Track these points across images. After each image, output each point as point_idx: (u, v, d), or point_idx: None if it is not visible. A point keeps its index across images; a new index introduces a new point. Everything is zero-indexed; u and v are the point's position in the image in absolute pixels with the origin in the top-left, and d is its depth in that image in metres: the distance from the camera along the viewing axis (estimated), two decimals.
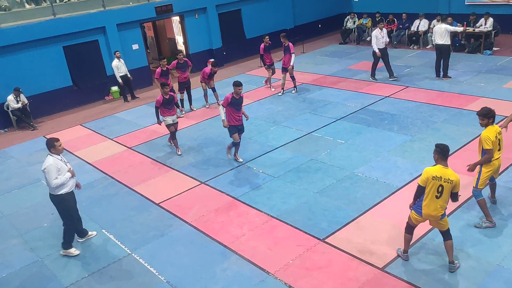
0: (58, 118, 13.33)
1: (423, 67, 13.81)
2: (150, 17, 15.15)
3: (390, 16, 17.49)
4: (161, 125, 9.49)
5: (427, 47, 16.18)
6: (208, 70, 11.73)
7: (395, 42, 16.76)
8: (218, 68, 12.13)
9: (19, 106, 12.30)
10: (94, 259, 6.45)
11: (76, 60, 13.78)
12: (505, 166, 7.50)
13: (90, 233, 6.98)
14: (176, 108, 9.59)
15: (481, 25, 14.66)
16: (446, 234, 5.34)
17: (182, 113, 11.61)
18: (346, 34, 18.62)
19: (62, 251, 6.58)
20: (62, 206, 6.33)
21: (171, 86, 9.92)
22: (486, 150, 5.79)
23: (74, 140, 11.28)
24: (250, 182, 8.07)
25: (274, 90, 13.17)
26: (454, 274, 5.34)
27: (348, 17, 18.85)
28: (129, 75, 13.75)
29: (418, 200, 5.33)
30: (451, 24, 13.84)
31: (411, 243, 5.77)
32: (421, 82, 12.43)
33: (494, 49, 14.65)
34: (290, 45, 12.28)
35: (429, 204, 5.16)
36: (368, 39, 17.99)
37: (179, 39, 17.14)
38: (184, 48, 16.56)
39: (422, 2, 17.85)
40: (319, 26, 20.29)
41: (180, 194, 7.98)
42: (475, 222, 6.20)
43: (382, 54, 12.57)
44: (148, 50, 18.92)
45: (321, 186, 7.64)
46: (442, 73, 12.49)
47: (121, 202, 7.95)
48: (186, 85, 12.04)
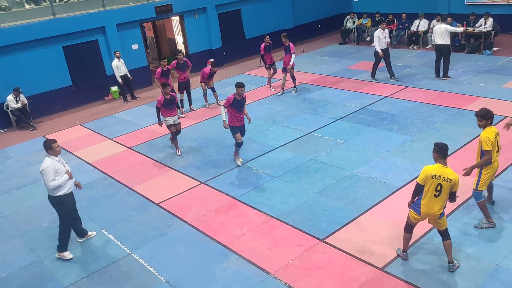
0: (58, 118, 13.33)
1: (423, 67, 13.81)
2: (149, 17, 15.15)
3: (390, 16, 17.48)
4: (162, 126, 9.44)
5: (427, 47, 16.19)
6: (207, 70, 11.73)
7: (395, 42, 16.76)
8: (217, 68, 12.14)
9: (19, 106, 12.29)
10: (93, 259, 6.45)
11: (75, 60, 13.78)
12: (505, 166, 7.51)
13: (89, 233, 6.98)
14: (177, 108, 9.59)
15: (480, 25, 14.66)
16: (444, 234, 5.34)
17: (183, 114, 11.61)
18: (346, 34, 18.63)
19: (57, 254, 6.56)
20: (60, 207, 6.32)
21: (172, 86, 9.92)
22: (485, 151, 5.72)
23: (73, 140, 11.28)
24: (250, 182, 8.07)
25: (274, 90, 13.18)
26: (453, 274, 5.34)
27: (348, 17, 18.85)
28: (129, 75, 13.75)
29: (417, 198, 5.33)
30: (451, 24, 13.87)
31: (411, 243, 5.77)
32: (420, 82, 12.43)
33: (494, 49, 14.66)
34: (291, 45, 12.29)
35: (427, 202, 5.16)
36: (368, 39, 18.03)
37: (179, 39, 17.15)
38: (183, 48, 16.55)
39: (421, 2, 17.86)
40: (319, 26, 20.30)
41: (180, 194, 7.98)
42: (475, 223, 6.19)
43: (384, 55, 12.57)
44: (148, 50, 18.92)
45: (321, 186, 7.64)
46: (442, 73, 12.49)
47: (121, 202, 7.95)
48: (185, 85, 12.04)
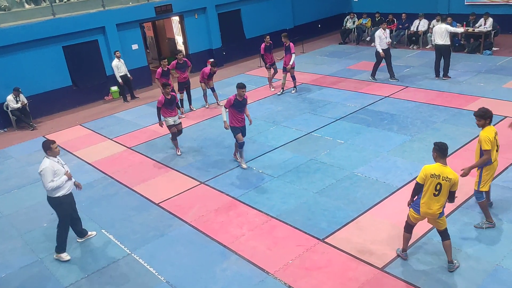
0: (58, 118, 13.32)
1: (423, 67, 13.81)
2: (149, 17, 15.15)
3: (389, 16, 17.47)
4: (162, 126, 9.39)
5: (427, 47, 16.19)
6: (207, 70, 11.73)
7: (395, 42, 16.75)
8: (217, 68, 12.14)
9: (19, 106, 12.29)
10: (93, 259, 6.44)
11: (75, 60, 13.77)
12: (505, 166, 7.52)
13: (89, 233, 6.98)
14: (177, 108, 9.57)
15: (480, 25, 14.66)
16: (444, 234, 5.33)
17: (183, 114, 11.60)
18: (345, 34, 18.62)
19: (55, 255, 6.55)
20: (59, 208, 6.31)
21: (172, 86, 9.91)
22: (484, 151, 5.70)
23: (73, 140, 11.27)
24: (249, 182, 8.07)
25: (274, 90, 13.18)
26: (453, 274, 5.34)
27: (347, 17, 18.85)
28: (129, 75, 13.75)
29: (416, 198, 5.33)
30: (451, 24, 13.86)
31: (411, 243, 5.77)
32: (420, 82, 12.43)
33: (494, 49, 14.66)
34: (291, 45, 12.29)
35: (427, 202, 5.16)
36: (367, 39, 18.03)
37: (179, 39, 17.15)
38: (183, 48, 16.55)
39: (421, 2, 17.87)
40: (319, 26, 20.30)
41: (179, 194, 7.98)
42: (474, 223, 6.19)
43: (385, 55, 12.54)
44: (147, 50, 18.92)
45: (320, 186, 7.64)
46: (442, 72, 12.49)
47: (120, 202, 7.95)
48: (185, 85, 12.05)
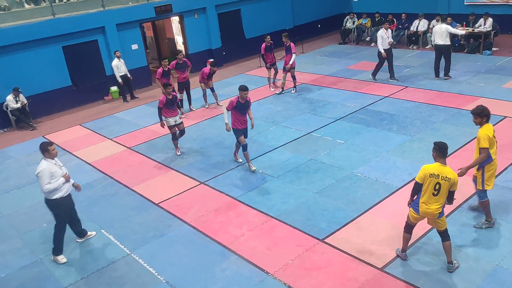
0: (57, 118, 13.32)
1: (423, 67, 13.82)
2: (149, 17, 15.14)
3: (389, 16, 17.46)
4: (164, 127, 9.36)
5: (427, 47, 16.19)
6: (207, 70, 11.73)
7: (395, 42, 16.73)
8: (217, 68, 12.13)
9: (18, 106, 12.29)
10: (93, 259, 6.44)
11: (75, 60, 13.77)
12: (504, 166, 7.52)
13: (89, 233, 6.97)
14: (178, 109, 9.56)
15: (480, 25, 14.67)
16: (444, 235, 5.32)
17: (183, 114, 11.59)
18: (345, 34, 18.62)
19: (52, 257, 6.53)
20: (56, 211, 6.28)
21: (173, 86, 9.90)
22: (482, 149, 5.64)
23: (73, 140, 11.27)
24: (249, 182, 8.07)
25: (274, 90, 13.18)
26: (453, 275, 5.34)
27: (347, 17, 18.85)
28: (129, 75, 13.75)
29: (416, 197, 5.33)
30: (451, 24, 13.86)
31: (410, 243, 5.77)
32: (420, 82, 12.43)
33: (494, 49, 14.66)
34: (292, 44, 12.29)
35: (426, 201, 5.16)
36: (367, 39, 18.04)
37: (179, 39, 17.14)
38: (183, 48, 16.55)
39: (421, 2, 17.87)
40: (319, 26, 20.30)
41: (179, 194, 7.98)
42: (474, 223, 6.19)
43: (386, 55, 12.52)
44: (147, 50, 18.92)
45: (320, 186, 7.64)
46: (443, 72, 12.46)
47: (120, 202, 7.94)
48: (185, 85, 12.04)
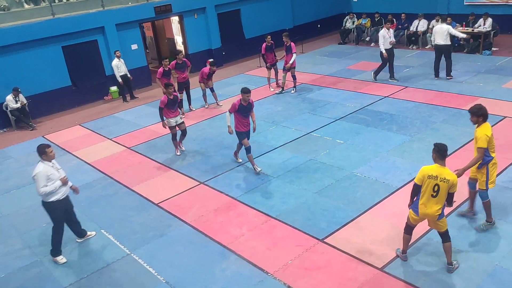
0: (57, 118, 13.32)
1: (422, 67, 13.82)
2: (149, 17, 15.14)
3: (389, 16, 17.43)
4: (166, 127, 9.33)
5: (426, 47, 16.19)
6: (206, 70, 11.73)
7: (395, 42, 16.73)
8: (217, 68, 12.12)
9: (18, 106, 12.28)
10: (93, 259, 6.44)
11: (75, 60, 13.76)
12: (504, 166, 7.52)
13: (89, 233, 6.97)
14: (178, 109, 9.55)
15: (480, 25, 14.68)
16: (444, 236, 5.31)
17: (183, 114, 11.58)
18: (345, 34, 18.62)
19: (51, 258, 6.52)
20: (53, 213, 6.27)
21: (174, 87, 9.87)
22: (479, 148, 5.61)
23: (73, 140, 11.27)
24: (249, 182, 8.07)
25: (273, 90, 13.18)
26: (453, 274, 5.34)
27: (347, 17, 18.85)
28: (129, 75, 13.74)
29: (416, 199, 5.33)
30: (450, 24, 13.86)
31: (410, 244, 5.77)
32: (420, 82, 12.43)
33: (493, 49, 14.66)
34: (292, 44, 12.28)
35: (425, 203, 5.16)
36: (367, 39, 18.04)
37: (178, 39, 17.14)
38: (183, 48, 16.55)
39: (421, 2, 17.87)
40: (318, 26, 20.30)
41: (179, 194, 7.98)
42: (474, 224, 6.18)
43: (388, 55, 12.49)
44: (147, 50, 18.91)
45: (320, 186, 7.64)
46: (445, 73, 12.44)
47: (120, 202, 7.94)
48: (185, 85, 12.04)
